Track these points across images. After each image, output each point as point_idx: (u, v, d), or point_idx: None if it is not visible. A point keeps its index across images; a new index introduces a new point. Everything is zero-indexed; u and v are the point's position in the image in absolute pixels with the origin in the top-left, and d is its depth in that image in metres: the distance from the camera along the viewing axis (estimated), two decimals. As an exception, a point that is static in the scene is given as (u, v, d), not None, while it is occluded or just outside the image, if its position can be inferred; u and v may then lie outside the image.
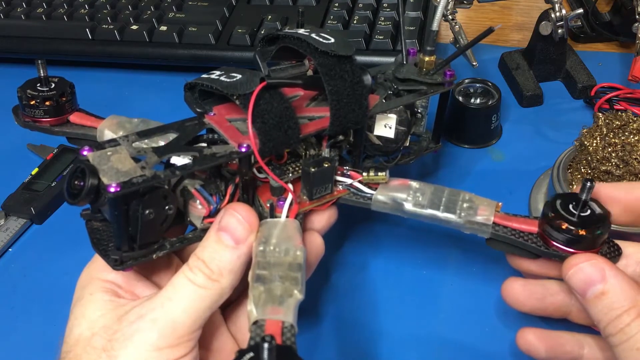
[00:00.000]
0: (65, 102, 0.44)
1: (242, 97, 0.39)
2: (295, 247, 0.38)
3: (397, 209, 0.43)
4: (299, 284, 0.35)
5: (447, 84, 0.48)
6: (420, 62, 0.48)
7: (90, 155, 0.36)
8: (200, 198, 0.39)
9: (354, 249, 0.54)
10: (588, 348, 0.42)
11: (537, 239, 0.41)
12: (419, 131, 0.51)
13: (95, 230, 0.39)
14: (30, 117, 0.44)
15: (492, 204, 0.42)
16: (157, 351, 0.35)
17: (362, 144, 0.45)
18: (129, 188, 0.34)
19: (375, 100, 0.46)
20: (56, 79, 0.45)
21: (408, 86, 0.47)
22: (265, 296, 0.34)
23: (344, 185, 0.44)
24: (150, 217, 0.36)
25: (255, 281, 0.35)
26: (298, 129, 0.40)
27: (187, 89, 0.42)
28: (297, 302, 0.35)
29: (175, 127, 0.40)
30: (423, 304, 0.50)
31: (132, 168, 0.35)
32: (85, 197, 0.35)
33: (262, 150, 0.39)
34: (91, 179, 0.35)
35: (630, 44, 0.73)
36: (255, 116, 0.38)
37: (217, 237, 0.37)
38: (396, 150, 0.48)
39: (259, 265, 0.36)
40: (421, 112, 0.51)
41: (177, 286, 0.36)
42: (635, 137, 0.50)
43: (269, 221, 0.40)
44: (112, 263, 0.37)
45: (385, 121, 0.46)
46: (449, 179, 0.60)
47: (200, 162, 0.38)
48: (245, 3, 0.77)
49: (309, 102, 0.45)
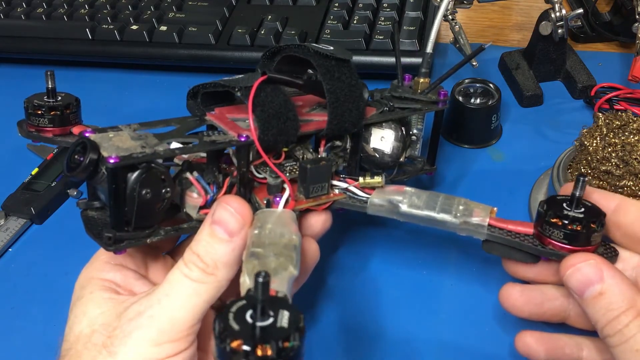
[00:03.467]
0: (69, 113, 0.45)
1: (244, 90, 0.40)
2: (291, 232, 0.38)
3: (393, 211, 0.43)
4: (294, 261, 0.36)
5: (441, 102, 0.49)
6: (415, 84, 0.50)
7: (92, 136, 0.37)
8: (197, 186, 0.40)
9: (351, 253, 0.54)
10: (587, 350, 0.42)
11: (533, 239, 0.41)
12: (414, 155, 0.52)
13: (90, 218, 0.40)
14: (35, 127, 0.45)
15: (486, 209, 0.43)
16: (157, 347, 0.35)
17: (359, 151, 0.46)
18: (128, 160, 0.35)
19: (372, 111, 0.47)
20: (63, 93, 0.47)
21: (404, 104, 0.49)
22: (259, 268, 0.34)
23: (340, 189, 0.45)
24: (147, 197, 0.37)
25: (249, 257, 0.35)
26: (297, 121, 0.41)
27: (189, 97, 0.43)
28: (291, 277, 0.35)
29: (176, 121, 0.42)
30: (422, 307, 0.50)
31: (132, 146, 0.37)
32: (84, 170, 0.36)
33: (262, 139, 0.40)
34: (91, 153, 0.36)
35: (630, 44, 0.73)
36: (255, 105, 0.39)
37: (211, 230, 0.37)
38: (392, 166, 0.49)
39: (253, 245, 0.36)
40: (416, 134, 0.51)
41: (173, 282, 0.36)
42: (635, 137, 0.50)
43: (265, 210, 0.40)
44: (105, 241, 0.37)
45: (382, 134, 0.47)
46: (449, 179, 0.59)
47: (200, 146, 0.39)
48: (245, 3, 0.77)
49: (309, 109, 0.46)
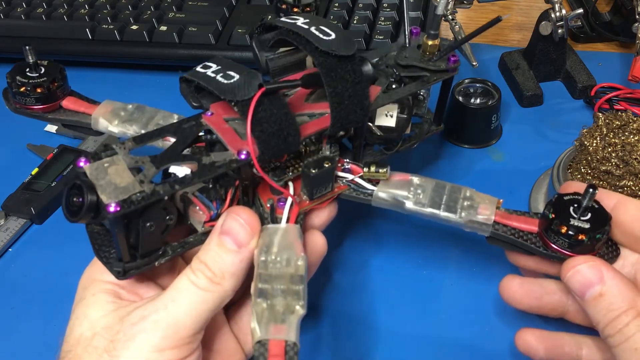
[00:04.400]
0: (56, 88, 0.42)
1: (241, 104, 0.38)
2: (297, 256, 0.38)
3: (398, 206, 0.43)
4: (301, 299, 0.36)
5: (451, 70, 0.46)
6: (424, 46, 0.46)
7: (87, 167, 0.35)
8: (199, 204, 0.39)
9: (354, 248, 0.54)
10: (587, 349, 0.42)
11: (537, 239, 0.41)
12: (421, 112, 0.50)
13: (96, 234, 0.39)
14: (21, 105, 0.42)
15: (493, 201, 0.43)
16: (159, 352, 0.35)
17: (363, 138, 0.45)
18: (129, 208, 0.34)
19: (377, 91, 0.44)
20: (45, 62, 0.43)
21: (410, 72, 0.46)
22: (267, 314, 0.35)
23: (345, 181, 0.44)
24: (151, 229, 0.36)
25: (257, 296, 0.36)
26: (298, 136, 0.39)
27: (182, 81, 0.41)
28: (299, 319, 0.35)
29: (172, 130, 0.40)
30: (424, 303, 0.50)
31: (130, 183, 0.35)
32: (86, 215, 0.34)
33: (261, 158, 0.38)
34: (89, 195, 0.34)
35: (630, 44, 0.73)
36: (254, 124, 0.37)
37: (220, 240, 0.37)
38: (397, 138, 0.47)
39: (260, 278, 0.36)
40: (423, 94, 0.49)
41: (180, 289, 0.36)
42: (635, 137, 0.50)
43: (270, 227, 0.39)
44: (115, 274, 0.37)
45: (387, 110, 0.45)
46: (449, 179, 0.58)
47: (199, 174, 0.37)
48: (245, 3, 0.77)
49: (308, 97, 0.44)
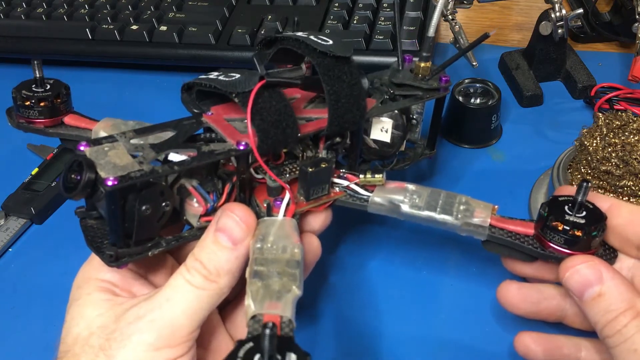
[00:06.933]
0: (60, 103, 0.43)
1: (241, 95, 0.39)
2: (293, 244, 0.38)
3: (394, 210, 0.43)
4: (297, 280, 0.35)
5: (443, 89, 0.48)
6: (416, 68, 0.48)
7: (88, 150, 0.36)
8: (197, 196, 0.39)
9: (352, 251, 0.54)
10: (585, 351, 0.42)
11: (534, 241, 0.41)
12: (414, 138, 0.52)
13: (89, 228, 0.39)
14: (25, 118, 0.43)
15: (488, 207, 0.43)
16: (155, 351, 0.35)
17: (359, 146, 0.45)
18: (127, 182, 0.34)
19: (372, 103, 0.46)
20: (52, 80, 0.45)
21: (404, 91, 0.48)
22: (263, 291, 0.34)
23: (341, 187, 0.44)
24: (147, 212, 0.36)
25: (252, 277, 0.35)
26: (297, 127, 0.40)
27: (184, 90, 0.42)
28: (295, 298, 0.35)
29: (172, 126, 0.40)
30: (422, 305, 0.50)
31: (129, 163, 0.35)
32: (82, 191, 0.35)
33: (261, 147, 0.39)
34: (88, 172, 0.34)
35: (630, 44, 0.73)
36: (254, 114, 0.38)
37: (215, 238, 0.37)
38: (392, 155, 0.49)
39: (256, 262, 0.36)
40: (416, 118, 0.51)
41: (175, 287, 0.36)
42: (635, 137, 0.50)
43: (267, 219, 0.40)
44: (107, 259, 0.37)
45: (382, 125, 0.47)
46: (449, 179, 0.59)
47: (198, 159, 0.38)
48: (245, 3, 0.77)
49: (307, 104, 0.45)
